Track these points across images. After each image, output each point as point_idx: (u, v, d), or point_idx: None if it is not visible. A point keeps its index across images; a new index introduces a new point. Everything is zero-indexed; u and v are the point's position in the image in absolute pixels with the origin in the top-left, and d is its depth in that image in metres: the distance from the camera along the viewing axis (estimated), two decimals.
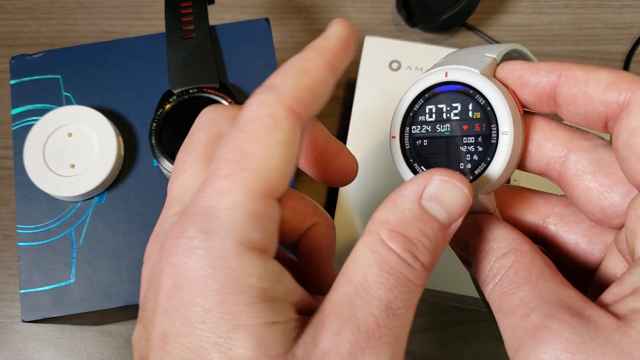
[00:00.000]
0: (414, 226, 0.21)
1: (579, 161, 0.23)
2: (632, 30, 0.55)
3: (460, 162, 0.23)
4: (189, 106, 0.36)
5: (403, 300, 0.20)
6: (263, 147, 0.19)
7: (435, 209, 0.21)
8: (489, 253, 0.22)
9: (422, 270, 0.21)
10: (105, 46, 0.39)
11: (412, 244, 0.20)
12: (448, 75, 0.23)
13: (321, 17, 0.56)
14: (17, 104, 0.38)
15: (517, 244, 0.22)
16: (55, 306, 0.34)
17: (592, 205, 0.22)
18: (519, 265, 0.21)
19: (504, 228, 0.23)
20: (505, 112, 0.22)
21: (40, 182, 0.35)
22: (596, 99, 0.21)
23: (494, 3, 0.56)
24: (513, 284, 0.21)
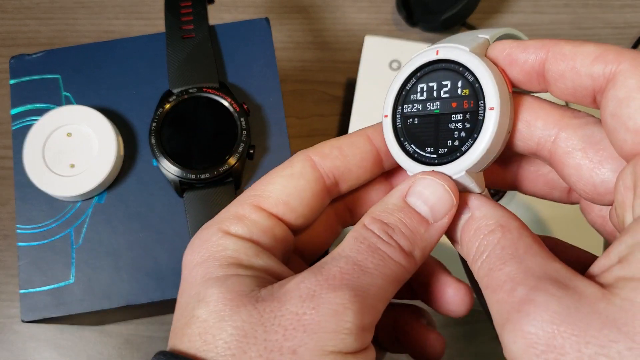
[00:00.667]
0: (394, 215, 0.23)
1: (569, 139, 0.22)
2: (632, 30, 0.55)
3: (449, 140, 0.23)
4: (188, 106, 0.36)
5: (374, 263, 0.22)
6: (269, 177, 0.25)
7: (417, 204, 0.23)
8: (477, 231, 0.22)
9: (398, 250, 0.23)
10: (105, 46, 0.39)
11: (389, 227, 0.23)
12: (439, 53, 0.23)
13: (321, 16, 0.56)
14: (17, 104, 0.38)
15: (504, 220, 0.22)
16: (54, 306, 0.34)
17: (583, 183, 0.22)
18: (505, 241, 0.21)
19: (491, 205, 0.23)
20: (492, 87, 0.22)
21: (40, 182, 0.35)
22: (583, 72, 0.21)
23: (494, 3, 0.56)
24: (500, 259, 0.21)
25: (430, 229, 0.23)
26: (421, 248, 0.23)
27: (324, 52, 0.54)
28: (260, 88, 0.38)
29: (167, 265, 0.35)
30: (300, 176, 0.25)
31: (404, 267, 0.23)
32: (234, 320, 0.21)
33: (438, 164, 0.23)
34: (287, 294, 0.21)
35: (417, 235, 0.23)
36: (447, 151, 0.23)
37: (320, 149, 0.25)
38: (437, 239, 0.24)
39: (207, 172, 0.35)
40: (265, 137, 0.37)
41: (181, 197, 0.36)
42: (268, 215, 0.24)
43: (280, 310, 0.21)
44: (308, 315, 0.21)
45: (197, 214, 0.35)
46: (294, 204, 0.25)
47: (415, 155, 0.24)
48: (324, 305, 0.21)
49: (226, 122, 0.36)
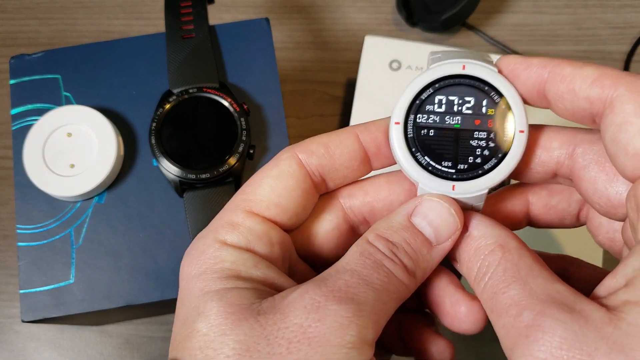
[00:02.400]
0: (398, 234, 0.23)
1: (584, 154, 0.23)
2: (633, 30, 0.55)
3: (470, 156, 0.23)
4: (188, 106, 0.36)
5: (379, 279, 0.22)
6: (257, 178, 0.25)
7: (422, 225, 0.23)
8: (477, 251, 0.23)
9: (402, 269, 0.23)
10: (105, 46, 0.39)
11: (393, 245, 0.23)
12: (466, 69, 0.23)
13: (321, 16, 0.56)
14: (17, 104, 0.38)
15: (503, 240, 0.22)
16: (55, 306, 0.34)
17: (598, 196, 0.23)
18: (506, 263, 0.21)
19: (489, 224, 0.23)
20: (522, 111, 0.23)
21: (40, 182, 0.35)
22: (581, 95, 0.22)
23: (494, 3, 0.56)
24: (503, 282, 0.21)
25: (433, 251, 0.24)
26: (422, 269, 0.23)
27: (324, 52, 0.54)
28: (260, 88, 0.38)
29: (167, 265, 0.35)
30: (289, 175, 0.25)
31: (406, 285, 0.23)
32: (235, 334, 0.21)
33: (457, 179, 0.23)
34: (290, 305, 0.21)
35: (420, 255, 0.23)
36: (467, 167, 0.23)
37: (307, 146, 0.25)
38: (438, 261, 0.24)
39: (207, 172, 0.35)
40: (265, 137, 0.37)
41: (181, 197, 0.36)
42: (262, 219, 0.24)
43: (283, 322, 0.21)
44: (313, 328, 0.20)
45: (197, 214, 0.35)
46: (285, 204, 0.24)
47: (429, 167, 0.24)
48: (330, 318, 0.21)
49: (226, 122, 0.36)
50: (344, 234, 0.27)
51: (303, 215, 0.26)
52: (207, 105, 0.36)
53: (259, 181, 0.25)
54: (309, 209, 0.26)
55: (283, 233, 0.25)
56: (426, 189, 0.24)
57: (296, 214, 0.25)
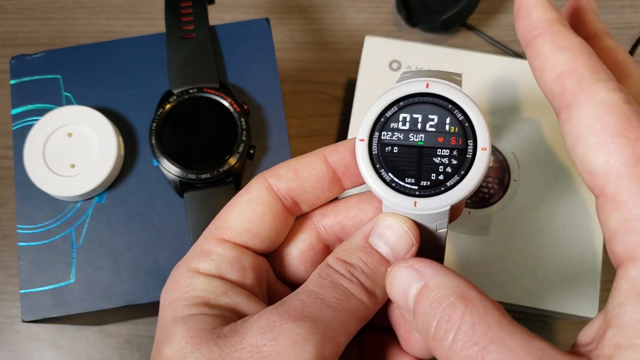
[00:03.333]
0: (355, 255, 0.24)
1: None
2: (632, 30, 0.55)
3: (433, 173, 0.23)
4: (189, 106, 0.36)
5: (336, 298, 0.22)
6: (229, 206, 0.25)
7: (379, 245, 0.24)
8: (434, 303, 0.21)
9: (360, 287, 0.23)
10: (105, 46, 0.39)
11: (351, 266, 0.23)
12: (429, 87, 0.24)
13: (321, 17, 0.56)
14: (17, 104, 0.38)
15: (463, 290, 0.21)
16: (55, 306, 0.34)
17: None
18: (473, 318, 0.20)
19: (445, 272, 0.22)
20: (484, 129, 0.23)
21: (40, 182, 0.35)
22: (545, 83, 0.22)
23: (494, 3, 0.56)
24: (477, 345, 0.19)
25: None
26: (382, 287, 0.23)
27: (324, 53, 0.54)
28: (260, 88, 0.38)
29: (167, 265, 0.35)
30: (258, 201, 0.25)
31: (365, 304, 0.23)
32: (195, 356, 0.21)
33: (419, 195, 0.23)
34: (247, 327, 0.22)
35: (378, 274, 0.24)
36: (430, 184, 0.23)
37: (276, 170, 0.26)
38: None
39: (208, 172, 0.35)
40: (266, 137, 0.37)
41: (181, 197, 0.36)
42: (233, 245, 0.25)
43: (240, 343, 0.21)
44: (267, 347, 0.21)
45: (197, 214, 0.35)
46: (256, 229, 0.25)
47: (392, 184, 0.24)
48: (284, 336, 0.21)
49: (226, 122, 0.36)
50: (318, 253, 0.27)
51: (277, 238, 0.26)
52: (208, 105, 0.36)
53: (230, 208, 0.25)
54: (283, 232, 0.26)
55: (257, 257, 0.25)
56: (389, 205, 0.24)
57: (269, 238, 0.25)
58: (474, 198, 0.42)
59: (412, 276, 0.22)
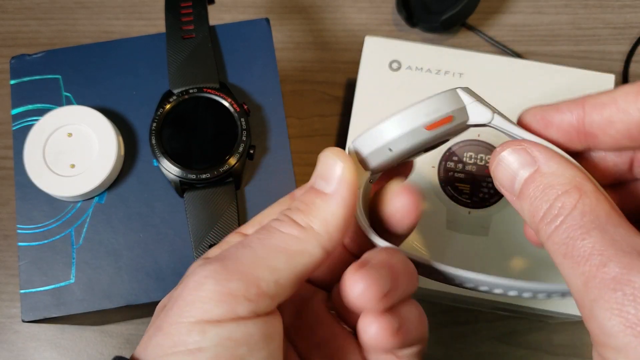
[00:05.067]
0: (297, 199, 0.24)
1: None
2: (632, 30, 0.55)
3: None
4: (189, 106, 0.36)
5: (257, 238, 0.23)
6: None
7: (316, 183, 0.24)
8: (548, 189, 0.21)
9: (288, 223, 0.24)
10: (105, 46, 0.39)
11: (288, 209, 0.24)
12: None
13: (321, 17, 0.56)
14: (17, 104, 0.38)
15: (579, 181, 0.21)
16: (55, 306, 0.34)
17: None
18: (584, 207, 0.21)
19: (561, 161, 0.22)
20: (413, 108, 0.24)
21: (40, 182, 0.35)
22: (632, 109, 0.22)
23: (494, 3, 0.56)
24: (582, 228, 0.20)
25: (329, 199, 0.24)
26: (321, 219, 0.23)
27: (324, 53, 0.54)
28: (260, 88, 0.38)
29: (167, 265, 0.35)
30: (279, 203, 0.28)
31: (297, 237, 0.23)
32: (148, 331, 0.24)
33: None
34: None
35: (313, 206, 0.24)
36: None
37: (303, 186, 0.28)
38: (338, 206, 0.24)
39: (208, 172, 0.35)
40: (266, 137, 0.37)
41: (181, 197, 0.36)
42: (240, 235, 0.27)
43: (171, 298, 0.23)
44: (181, 292, 0.22)
45: (197, 214, 0.35)
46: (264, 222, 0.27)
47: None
48: (191, 278, 0.22)
49: (226, 122, 0.36)
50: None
51: None
52: (208, 105, 0.36)
53: None
54: None
55: None
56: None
57: None
58: (474, 198, 0.42)
59: (524, 160, 0.22)
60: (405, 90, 0.44)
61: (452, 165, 0.42)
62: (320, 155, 0.24)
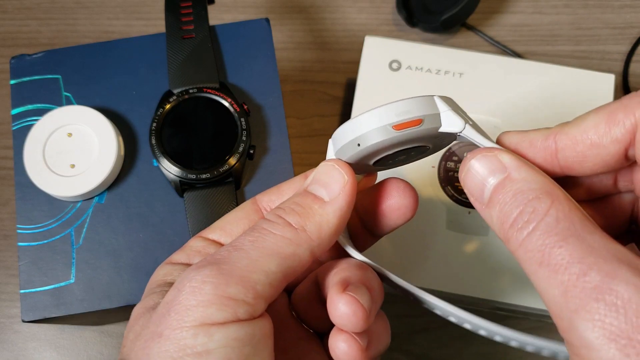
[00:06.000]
0: (290, 200, 0.25)
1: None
2: (632, 30, 0.55)
3: None
4: (189, 106, 0.36)
5: (250, 240, 0.23)
6: None
7: (316, 189, 0.25)
8: (518, 195, 0.21)
9: (282, 224, 0.23)
10: (105, 46, 0.39)
11: (281, 210, 0.24)
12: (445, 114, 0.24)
13: (321, 17, 0.56)
14: (17, 104, 0.38)
15: (550, 188, 0.21)
16: (55, 306, 0.34)
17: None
18: (558, 213, 0.20)
19: (530, 168, 0.22)
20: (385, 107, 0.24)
21: (40, 182, 0.35)
22: (605, 142, 0.21)
23: (494, 3, 0.56)
24: (557, 235, 0.19)
25: (326, 206, 0.24)
26: (316, 222, 0.24)
27: (324, 53, 0.54)
28: (260, 88, 0.38)
29: None
30: (240, 209, 0.29)
31: (289, 239, 0.23)
32: (133, 328, 0.24)
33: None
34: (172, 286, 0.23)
35: (309, 210, 0.24)
36: None
37: (267, 190, 0.29)
38: (334, 216, 0.24)
39: (208, 172, 0.35)
40: (266, 137, 0.37)
41: (181, 197, 0.36)
42: (204, 239, 0.28)
43: (160, 304, 0.23)
44: (174, 298, 0.22)
45: (197, 214, 0.35)
46: (229, 228, 0.28)
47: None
48: (187, 283, 0.22)
49: (226, 122, 0.36)
50: None
51: None
52: (208, 105, 0.36)
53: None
54: None
55: None
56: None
57: None
58: None
59: (494, 166, 0.22)
60: (405, 90, 0.44)
61: (452, 165, 0.42)
62: (323, 164, 0.25)
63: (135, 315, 0.25)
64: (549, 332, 0.47)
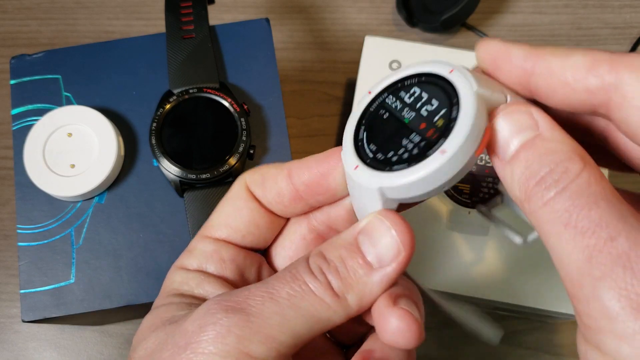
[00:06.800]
0: (336, 251, 0.22)
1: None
2: (632, 30, 0.55)
3: (392, 150, 0.21)
4: (189, 106, 0.36)
5: (288, 293, 0.21)
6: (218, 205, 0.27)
7: (365, 245, 0.22)
8: (549, 154, 0.19)
9: (324, 287, 0.21)
10: (105, 46, 0.39)
11: (325, 262, 0.22)
12: (451, 73, 0.22)
13: (321, 17, 0.56)
14: (17, 104, 0.38)
15: (582, 153, 0.20)
16: (55, 306, 0.34)
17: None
18: (590, 176, 0.19)
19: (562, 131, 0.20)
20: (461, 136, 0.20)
21: (40, 182, 0.35)
22: (578, 88, 0.20)
23: (494, 3, 0.56)
24: (589, 197, 0.18)
25: (373, 274, 0.22)
26: (358, 292, 0.22)
27: (325, 53, 0.54)
28: (260, 88, 0.38)
29: (168, 265, 0.35)
30: (236, 196, 0.26)
31: (327, 305, 0.21)
32: (147, 341, 0.23)
33: (366, 163, 0.22)
34: (192, 313, 0.22)
35: (354, 277, 0.22)
36: (382, 159, 0.21)
37: (252, 172, 0.26)
38: (380, 286, 0.22)
39: (208, 172, 0.35)
40: (266, 137, 0.37)
41: (181, 197, 0.36)
42: (213, 240, 0.26)
43: (180, 327, 0.21)
44: (196, 335, 0.21)
45: (197, 214, 0.35)
46: (234, 223, 0.26)
47: (359, 142, 0.22)
48: (210, 326, 0.20)
49: (226, 122, 0.36)
50: (311, 244, 0.26)
51: (259, 232, 0.26)
52: (208, 105, 0.36)
53: (217, 207, 0.26)
54: (266, 226, 0.26)
55: (239, 250, 0.26)
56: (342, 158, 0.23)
57: (250, 232, 0.25)
58: (475, 198, 0.41)
59: (525, 122, 0.20)
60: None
61: None
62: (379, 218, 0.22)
63: (148, 326, 0.23)
64: (550, 332, 0.47)
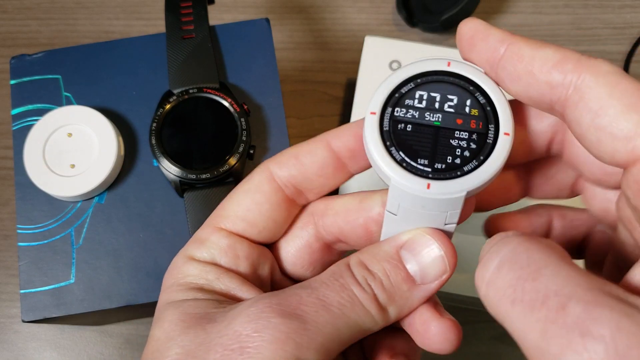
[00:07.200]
0: (380, 264, 0.22)
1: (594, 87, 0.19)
2: (632, 30, 0.55)
3: (448, 156, 0.22)
4: (189, 106, 0.36)
5: (339, 303, 0.21)
6: (231, 194, 0.25)
7: (409, 260, 0.22)
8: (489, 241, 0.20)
9: (372, 300, 0.21)
10: (105, 46, 0.39)
11: (370, 274, 0.22)
12: (450, 66, 0.22)
13: (321, 17, 0.56)
14: (17, 104, 0.38)
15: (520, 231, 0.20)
16: (55, 306, 0.34)
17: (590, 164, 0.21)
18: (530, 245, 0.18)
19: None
20: (507, 114, 0.22)
21: (40, 182, 0.35)
22: (541, 79, 0.20)
23: (494, 3, 0.56)
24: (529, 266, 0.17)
25: (415, 290, 0.22)
26: (399, 306, 0.22)
27: (324, 53, 0.54)
28: (260, 88, 0.38)
29: (167, 265, 0.35)
30: (257, 189, 0.24)
31: (372, 317, 0.22)
32: (181, 339, 0.21)
33: (433, 178, 0.21)
34: (237, 313, 0.21)
35: (398, 291, 0.22)
36: (445, 167, 0.21)
37: (278, 157, 0.25)
38: (419, 301, 0.22)
39: (208, 172, 0.35)
40: (266, 137, 0.37)
41: (181, 197, 0.36)
42: (228, 234, 0.24)
43: (225, 329, 0.21)
44: (250, 338, 0.20)
45: (197, 214, 0.35)
46: (252, 218, 0.24)
47: (403, 163, 0.21)
48: (268, 330, 0.20)
49: (226, 122, 0.36)
50: (316, 251, 0.26)
51: (276, 228, 0.25)
52: (208, 105, 0.36)
53: (230, 197, 0.25)
54: (283, 222, 0.25)
55: (255, 247, 0.25)
56: (398, 187, 0.21)
57: (267, 228, 0.25)
58: None
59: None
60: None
61: None
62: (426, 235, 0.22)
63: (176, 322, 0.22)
64: None
